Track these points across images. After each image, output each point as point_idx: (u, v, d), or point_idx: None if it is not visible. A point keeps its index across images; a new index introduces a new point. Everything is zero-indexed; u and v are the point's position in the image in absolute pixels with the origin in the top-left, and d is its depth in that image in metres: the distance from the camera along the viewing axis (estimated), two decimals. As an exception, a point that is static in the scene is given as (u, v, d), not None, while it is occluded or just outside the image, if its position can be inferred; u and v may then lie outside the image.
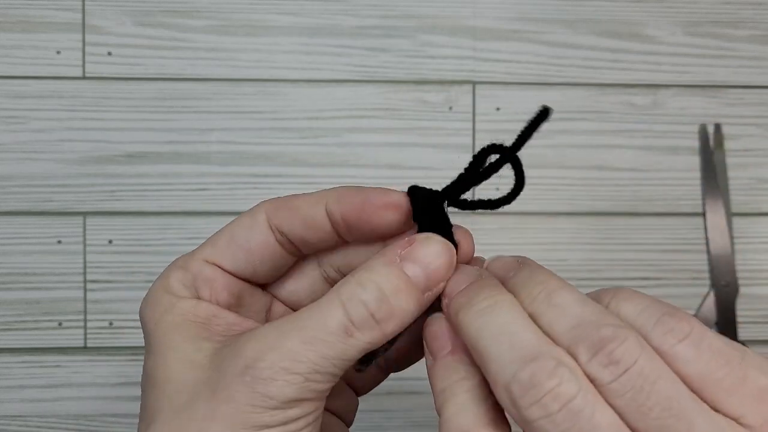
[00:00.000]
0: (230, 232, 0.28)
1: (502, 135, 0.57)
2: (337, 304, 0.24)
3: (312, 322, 0.24)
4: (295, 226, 0.27)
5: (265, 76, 0.55)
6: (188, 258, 0.28)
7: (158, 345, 0.26)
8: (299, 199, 0.28)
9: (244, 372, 0.23)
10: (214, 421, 0.23)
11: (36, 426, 0.54)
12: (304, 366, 0.23)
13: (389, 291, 0.24)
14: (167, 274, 0.28)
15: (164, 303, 0.27)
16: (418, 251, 0.25)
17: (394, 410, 0.55)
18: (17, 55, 0.54)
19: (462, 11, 0.56)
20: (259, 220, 0.28)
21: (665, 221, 0.57)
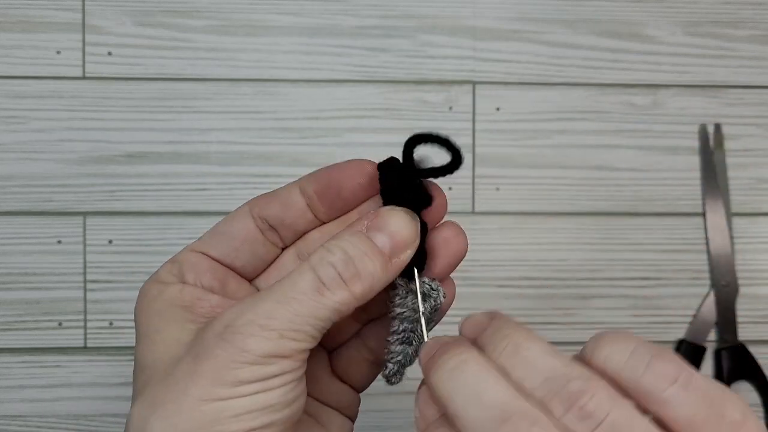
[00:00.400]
0: (215, 226, 0.30)
1: (502, 135, 0.57)
2: (306, 268, 0.26)
3: (284, 286, 0.25)
4: (273, 209, 0.29)
5: (265, 76, 0.55)
6: (178, 252, 0.30)
7: (144, 331, 0.28)
8: (279, 188, 0.30)
9: (222, 331, 0.25)
10: (195, 379, 0.24)
11: (36, 426, 0.54)
12: (278, 322, 0.25)
13: (355, 255, 0.26)
14: (158, 270, 0.29)
15: (152, 292, 0.28)
16: (382, 220, 0.27)
17: (394, 410, 0.55)
18: (17, 55, 0.54)
19: (462, 11, 0.56)
20: (241, 211, 0.30)
21: (665, 221, 0.57)
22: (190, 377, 0.25)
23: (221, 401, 0.24)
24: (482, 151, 0.56)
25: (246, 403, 0.24)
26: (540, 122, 0.56)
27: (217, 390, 0.24)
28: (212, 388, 0.24)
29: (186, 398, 0.24)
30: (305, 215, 0.29)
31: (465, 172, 0.56)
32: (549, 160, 0.56)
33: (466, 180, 0.56)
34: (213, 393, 0.24)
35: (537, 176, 0.56)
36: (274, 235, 0.30)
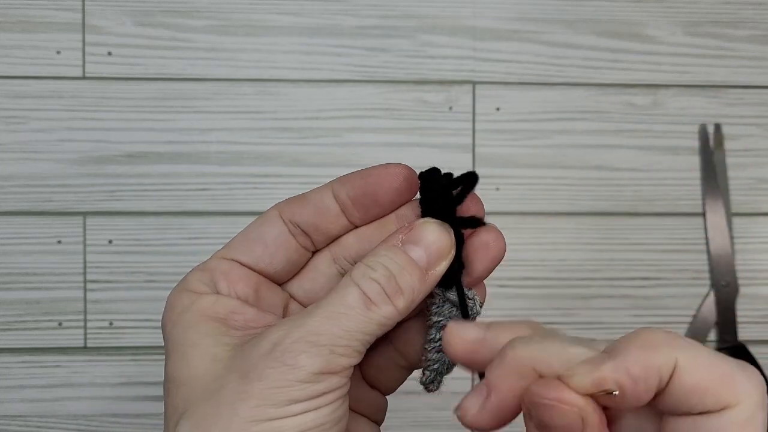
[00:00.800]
0: (244, 232, 0.30)
1: (502, 135, 0.57)
2: (351, 284, 0.26)
3: (331, 302, 0.25)
4: (306, 214, 0.29)
5: (265, 76, 0.55)
6: (206, 260, 0.29)
7: (177, 345, 0.27)
8: (308, 192, 0.30)
9: (271, 350, 0.25)
10: (245, 401, 0.24)
11: (36, 426, 0.54)
12: (327, 338, 0.25)
13: (395, 269, 0.26)
14: (186, 277, 0.29)
15: (183, 302, 0.28)
16: (417, 234, 0.27)
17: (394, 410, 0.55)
18: (17, 55, 0.54)
19: (462, 11, 0.56)
20: (271, 215, 0.29)
21: (665, 221, 0.57)
22: (239, 397, 0.24)
23: (272, 421, 0.24)
24: (482, 151, 0.56)
25: (297, 422, 0.24)
26: (540, 122, 0.56)
27: (268, 410, 0.24)
28: (263, 408, 0.24)
29: (236, 419, 0.24)
30: (339, 220, 0.29)
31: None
32: (549, 160, 0.56)
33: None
34: (264, 414, 0.24)
35: (537, 176, 0.56)
36: (306, 240, 0.30)
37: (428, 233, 0.27)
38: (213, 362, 0.26)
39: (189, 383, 0.26)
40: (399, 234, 0.27)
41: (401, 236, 0.27)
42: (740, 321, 0.57)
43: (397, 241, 0.27)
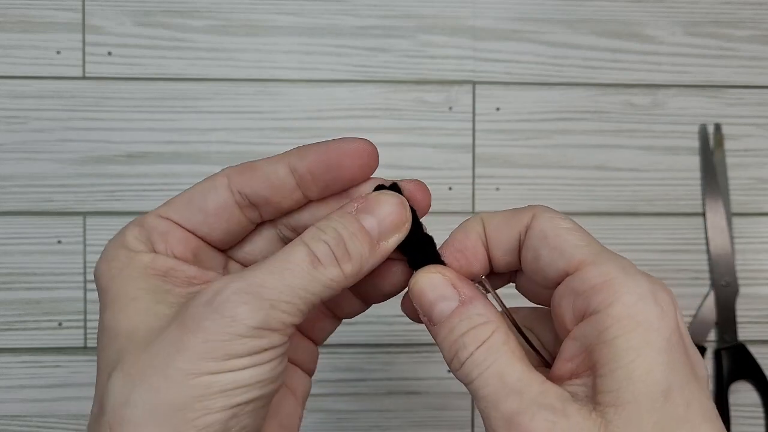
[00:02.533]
0: (188, 194, 0.29)
1: (502, 135, 0.57)
2: (300, 243, 0.26)
3: (277, 258, 0.25)
4: (258, 187, 0.28)
5: (265, 76, 0.55)
6: (143, 216, 0.29)
7: (117, 297, 0.26)
8: (260, 161, 0.29)
9: (210, 300, 0.24)
10: (182, 351, 0.24)
11: (36, 426, 0.54)
12: (270, 292, 0.24)
13: (345, 235, 0.26)
14: (123, 231, 0.28)
15: (121, 258, 0.27)
16: (372, 204, 0.27)
17: (394, 410, 0.55)
18: (17, 55, 0.54)
19: (462, 11, 0.56)
20: (219, 183, 0.29)
21: (665, 221, 0.57)
22: (177, 349, 0.24)
23: (210, 375, 0.24)
24: (482, 151, 0.56)
25: (235, 377, 0.24)
26: (540, 122, 0.56)
27: (206, 364, 0.23)
28: (201, 361, 0.23)
29: (172, 371, 0.23)
30: (293, 195, 0.28)
31: (465, 172, 0.56)
32: (549, 160, 0.56)
33: (466, 180, 0.56)
34: (202, 367, 0.23)
35: (537, 176, 0.56)
36: (254, 212, 0.29)
37: (383, 205, 0.27)
38: (154, 317, 0.25)
39: (126, 335, 0.25)
40: (354, 203, 0.27)
41: (356, 205, 0.27)
42: (740, 321, 0.57)
43: (352, 209, 0.27)
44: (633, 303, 0.23)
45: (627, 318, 0.23)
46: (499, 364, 0.25)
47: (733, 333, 0.56)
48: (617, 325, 0.23)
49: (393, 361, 0.55)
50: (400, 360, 0.55)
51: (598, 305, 0.24)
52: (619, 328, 0.23)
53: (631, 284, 0.24)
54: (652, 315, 0.23)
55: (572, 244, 0.25)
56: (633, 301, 0.23)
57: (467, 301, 0.26)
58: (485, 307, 0.26)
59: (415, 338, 0.55)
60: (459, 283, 0.27)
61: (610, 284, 0.24)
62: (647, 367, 0.23)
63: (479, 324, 0.25)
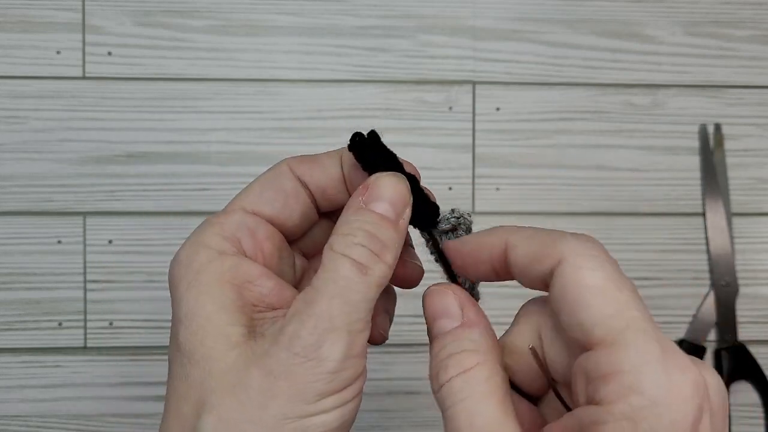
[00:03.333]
0: (260, 182, 0.29)
1: (502, 135, 0.57)
2: (338, 256, 0.25)
3: (328, 280, 0.25)
4: (316, 176, 0.29)
5: (265, 76, 0.55)
6: (223, 213, 0.28)
7: (190, 313, 0.26)
8: (318, 154, 0.30)
9: (292, 345, 0.24)
10: (274, 400, 0.24)
11: (36, 426, 0.54)
12: (340, 319, 0.25)
13: (372, 228, 0.26)
14: (202, 228, 0.28)
15: (200, 259, 0.27)
16: (375, 191, 0.27)
17: (394, 410, 0.55)
18: (17, 55, 0.54)
19: (462, 11, 0.56)
20: (282, 170, 0.29)
21: (665, 221, 0.57)
22: (268, 397, 0.24)
23: (303, 419, 0.24)
24: (482, 151, 0.56)
25: (325, 420, 0.24)
26: (540, 122, 0.56)
27: (300, 407, 0.24)
28: (294, 405, 0.24)
29: (267, 418, 0.24)
30: (344, 188, 0.29)
31: (465, 172, 0.56)
32: (549, 160, 0.56)
33: (466, 180, 0.56)
34: (296, 411, 0.24)
35: (537, 176, 0.56)
36: (315, 201, 0.30)
37: (385, 187, 0.27)
38: (227, 346, 0.25)
39: (204, 365, 0.25)
40: (358, 196, 0.27)
41: (361, 198, 0.27)
42: (740, 321, 0.57)
43: (360, 203, 0.27)
44: (641, 407, 0.21)
45: (628, 421, 0.21)
46: (472, 401, 0.24)
47: (733, 333, 0.56)
48: (614, 425, 0.21)
49: (393, 361, 0.55)
50: (400, 360, 0.55)
51: (603, 398, 0.21)
52: (615, 428, 0.21)
53: (648, 382, 0.21)
54: (660, 424, 0.20)
55: (594, 313, 0.22)
56: (642, 404, 0.21)
57: (467, 325, 0.26)
58: (482, 336, 0.25)
59: (415, 338, 0.55)
60: (468, 306, 0.26)
61: (622, 377, 0.21)
62: None
63: (467, 350, 0.25)
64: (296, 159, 0.30)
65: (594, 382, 0.22)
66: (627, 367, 0.21)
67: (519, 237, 0.25)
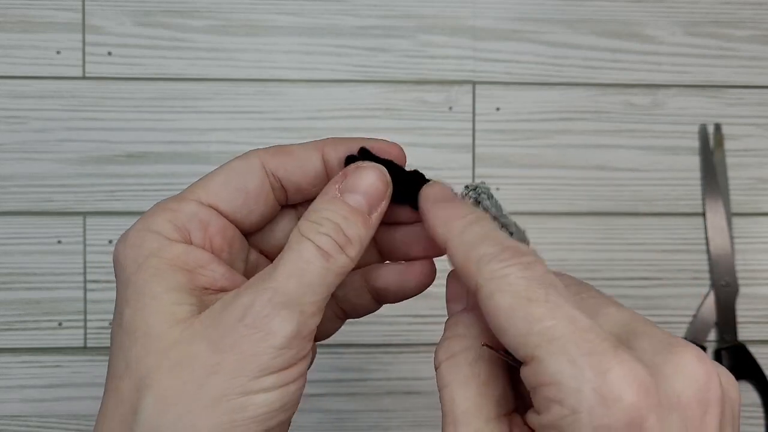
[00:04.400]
0: (225, 174, 0.28)
1: (502, 135, 0.57)
2: (304, 239, 0.25)
3: (290, 260, 0.25)
4: (292, 171, 0.28)
5: (265, 76, 0.55)
6: (178, 199, 0.28)
7: (137, 293, 0.26)
8: (293, 146, 0.29)
9: (242, 316, 0.24)
10: (216, 374, 0.24)
11: (36, 426, 0.54)
12: (295, 297, 0.24)
13: (341, 221, 0.26)
14: (153, 213, 0.27)
15: (150, 245, 0.26)
16: (353, 181, 0.27)
17: (394, 410, 0.55)
18: (17, 55, 0.54)
19: (462, 11, 0.56)
20: (253, 163, 0.28)
21: (665, 221, 0.57)
22: (210, 372, 0.24)
23: (244, 397, 0.24)
24: (482, 151, 0.56)
25: (267, 398, 0.24)
26: (540, 122, 0.56)
27: (241, 383, 0.24)
28: (236, 380, 0.24)
29: (206, 396, 0.23)
30: (322, 182, 0.28)
31: (465, 172, 0.56)
32: (549, 160, 0.56)
33: (466, 180, 0.56)
34: (236, 387, 0.24)
35: (537, 176, 0.56)
36: (282, 195, 0.29)
37: (363, 178, 0.27)
38: (171, 323, 0.25)
39: (144, 342, 0.25)
40: (335, 184, 0.27)
41: (337, 185, 0.27)
42: (740, 321, 0.57)
43: (335, 191, 0.27)
44: (561, 417, 0.21)
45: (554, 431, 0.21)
46: (454, 386, 0.24)
47: (733, 333, 0.56)
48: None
49: (393, 361, 0.55)
50: (400, 360, 0.55)
51: (536, 407, 0.22)
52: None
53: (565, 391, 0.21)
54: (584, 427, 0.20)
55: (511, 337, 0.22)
56: (562, 415, 0.21)
57: (468, 309, 0.26)
58: (474, 320, 0.25)
59: (415, 338, 0.55)
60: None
61: (543, 391, 0.21)
62: None
63: (456, 336, 0.25)
64: (269, 152, 0.28)
65: (533, 392, 0.22)
66: (546, 380, 0.21)
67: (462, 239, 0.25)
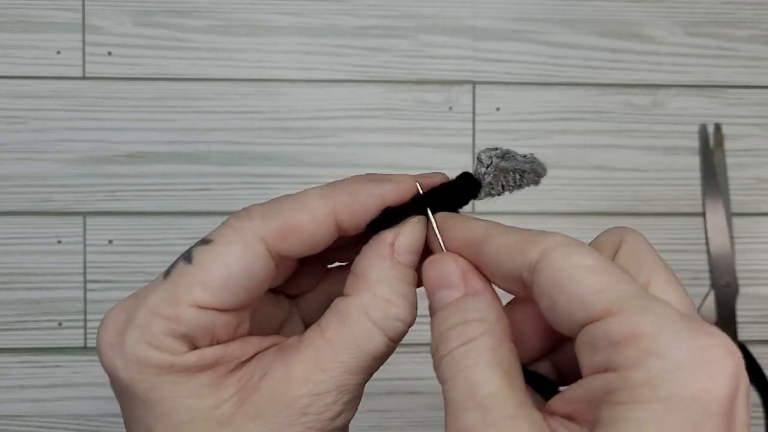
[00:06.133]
0: (225, 267, 0.24)
1: (501, 135, 0.57)
2: (370, 327, 0.25)
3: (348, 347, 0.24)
4: (300, 252, 0.25)
5: (265, 76, 0.55)
6: (172, 302, 0.24)
7: (167, 414, 0.23)
8: (298, 216, 0.24)
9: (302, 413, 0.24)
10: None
11: (36, 426, 0.54)
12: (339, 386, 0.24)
13: (409, 293, 0.25)
14: (148, 325, 0.23)
15: (156, 363, 0.23)
16: (404, 242, 0.26)
17: (394, 410, 0.55)
18: (17, 55, 0.54)
19: (462, 11, 0.56)
20: (260, 254, 0.24)
21: (665, 221, 0.57)
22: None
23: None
24: (482, 151, 0.56)
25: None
26: (540, 122, 0.56)
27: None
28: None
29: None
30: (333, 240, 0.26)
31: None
32: (549, 160, 0.56)
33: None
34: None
35: (537, 176, 0.56)
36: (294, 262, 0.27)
37: (413, 237, 0.26)
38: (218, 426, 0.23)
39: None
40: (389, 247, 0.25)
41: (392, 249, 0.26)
42: (740, 321, 0.57)
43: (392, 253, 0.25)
44: (661, 371, 0.19)
45: (647, 387, 0.19)
46: (475, 371, 0.22)
47: (733, 333, 0.56)
48: (631, 392, 0.19)
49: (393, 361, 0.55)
50: (400, 360, 0.55)
51: (619, 364, 0.19)
52: (632, 396, 0.19)
53: (667, 344, 0.19)
54: (685, 391, 0.18)
55: (594, 288, 0.21)
56: (662, 368, 0.19)
57: (471, 294, 0.24)
58: (489, 305, 0.23)
59: (415, 338, 0.55)
60: (471, 275, 0.24)
61: (638, 341, 0.19)
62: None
63: (471, 320, 0.23)
64: (274, 233, 0.24)
65: (605, 350, 0.20)
66: (645, 330, 0.19)
67: (497, 229, 0.24)
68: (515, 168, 0.29)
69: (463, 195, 0.28)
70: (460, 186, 0.28)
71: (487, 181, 0.28)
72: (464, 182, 0.28)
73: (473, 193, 0.28)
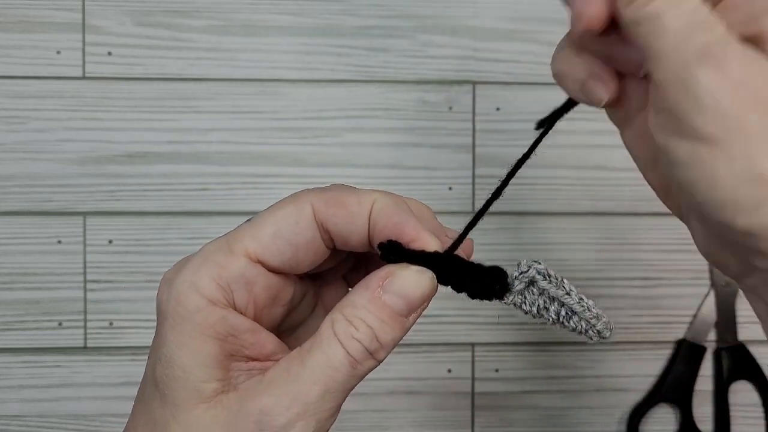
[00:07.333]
0: (274, 224, 0.26)
1: (501, 135, 0.57)
2: (335, 344, 0.25)
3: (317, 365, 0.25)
4: (342, 226, 0.27)
5: (265, 76, 0.55)
6: (227, 251, 0.26)
7: (169, 359, 0.26)
8: (346, 195, 0.27)
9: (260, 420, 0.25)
10: None
11: (36, 426, 0.54)
12: (314, 406, 0.25)
13: (377, 326, 0.25)
14: (201, 265, 0.26)
15: (189, 304, 0.26)
16: (397, 283, 0.26)
17: (394, 410, 0.55)
18: (17, 55, 0.54)
19: (462, 11, 0.56)
20: (306, 214, 0.26)
21: (665, 221, 0.57)
22: None
23: None
24: (482, 151, 0.56)
25: None
26: (540, 122, 0.56)
27: None
28: None
29: None
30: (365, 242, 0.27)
31: (465, 172, 0.56)
32: (549, 160, 0.56)
33: (466, 180, 0.56)
34: None
35: (537, 176, 0.56)
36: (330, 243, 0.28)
37: (408, 282, 0.26)
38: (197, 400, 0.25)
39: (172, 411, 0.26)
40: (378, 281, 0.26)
41: (381, 283, 0.26)
42: (740, 321, 0.57)
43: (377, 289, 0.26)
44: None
45: None
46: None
47: (733, 333, 0.56)
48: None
49: (393, 361, 0.55)
50: (400, 360, 0.55)
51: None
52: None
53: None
54: None
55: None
56: None
57: None
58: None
59: (415, 338, 0.55)
60: None
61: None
62: None
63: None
64: (322, 200, 0.26)
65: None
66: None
67: None
68: (557, 297, 0.28)
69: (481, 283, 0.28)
70: (483, 272, 0.28)
71: (517, 288, 0.28)
72: (490, 272, 0.28)
73: (493, 288, 0.28)
